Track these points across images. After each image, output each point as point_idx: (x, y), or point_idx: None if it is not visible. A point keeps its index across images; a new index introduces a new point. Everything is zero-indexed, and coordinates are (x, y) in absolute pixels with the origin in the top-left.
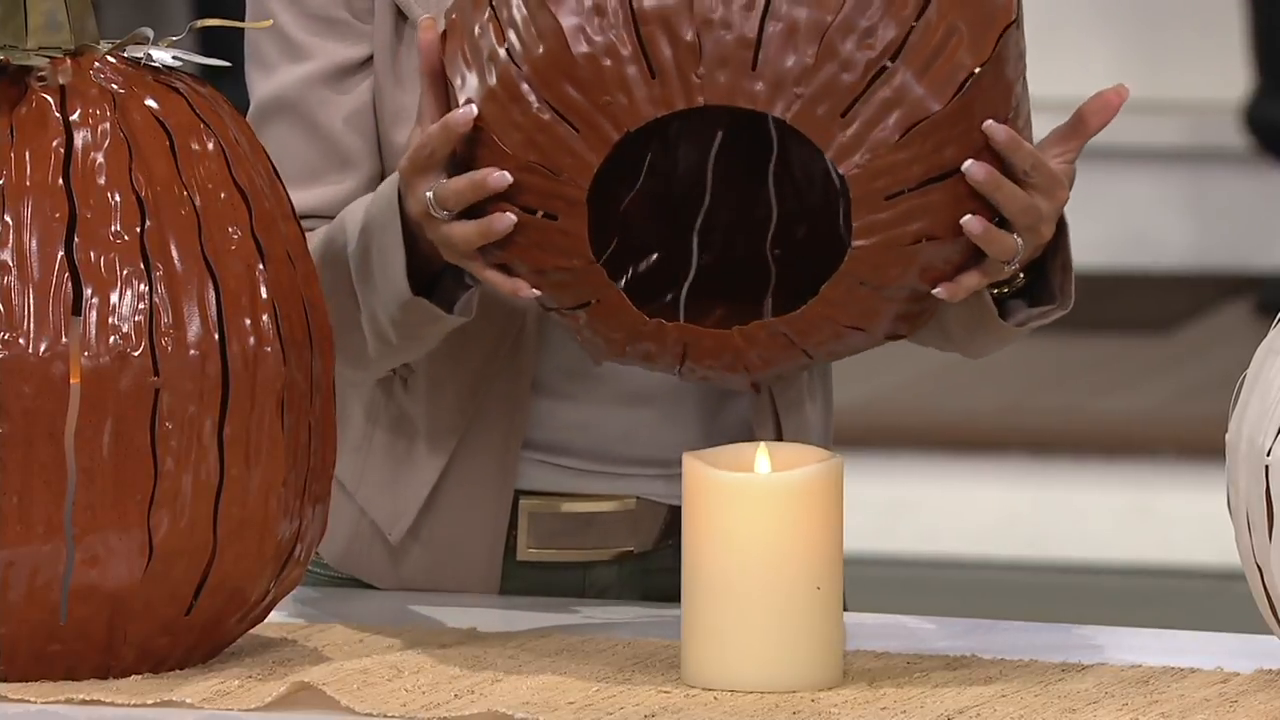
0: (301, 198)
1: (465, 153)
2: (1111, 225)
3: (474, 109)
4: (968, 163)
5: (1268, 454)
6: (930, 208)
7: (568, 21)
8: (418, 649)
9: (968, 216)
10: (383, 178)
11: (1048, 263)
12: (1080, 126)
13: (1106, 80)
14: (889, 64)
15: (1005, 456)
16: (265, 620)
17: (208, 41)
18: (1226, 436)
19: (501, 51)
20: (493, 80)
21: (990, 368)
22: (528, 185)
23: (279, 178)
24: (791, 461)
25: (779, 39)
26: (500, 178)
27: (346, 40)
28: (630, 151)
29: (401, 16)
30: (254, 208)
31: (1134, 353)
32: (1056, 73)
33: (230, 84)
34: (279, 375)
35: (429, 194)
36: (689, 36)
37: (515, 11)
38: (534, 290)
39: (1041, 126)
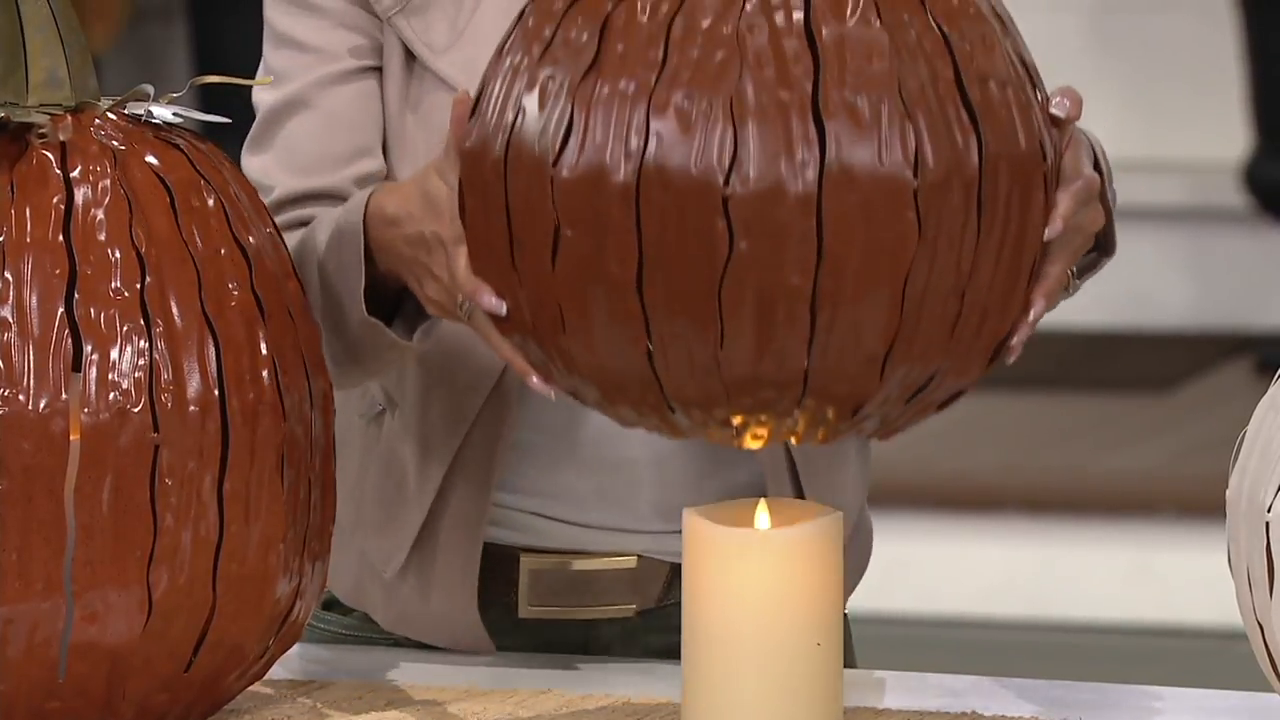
0: (314, 181)
1: None
2: (1111, 285)
3: (503, 309)
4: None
5: (1268, 510)
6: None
7: (590, 391)
8: (417, 706)
9: (1025, 325)
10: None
11: None
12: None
13: (1106, 140)
14: (928, 383)
15: (1005, 516)
16: (264, 677)
17: (208, 98)
18: (1227, 493)
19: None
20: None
21: (990, 427)
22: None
23: (279, 233)
24: (791, 517)
25: (816, 411)
26: (542, 388)
27: (363, 44)
28: None
29: (410, 55)
30: (254, 264)
31: (1134, 412)
32: None
33: (231, 140)
34: (279, 431)
35: (465, 307)
36: (723, 417)
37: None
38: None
39: None
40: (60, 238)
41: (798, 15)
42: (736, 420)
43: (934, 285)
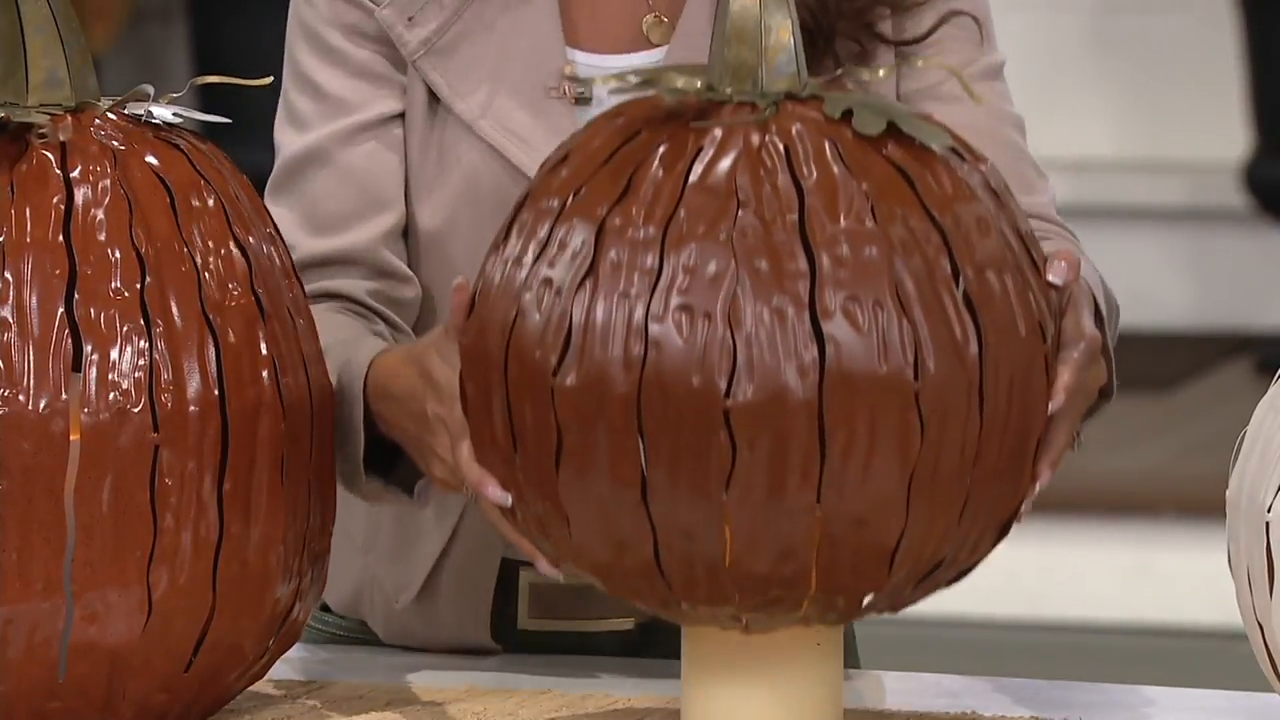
0: (334, 243)
1: None
2: (1112, 285)
3: (508, 501)
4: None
5: (1268, 510)
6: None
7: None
8: (416, 707)
9: (1032, 495)
10: (406, 234)
11: None
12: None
13: (1107, 140)
14: (938, 566)
15: None
16: (264, 677)
17: (208, 98)
18: (1227, 493)
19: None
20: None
21: None
22: None
23: (279, 234)
24: None
25: (826, 604)
26: (550, 571)
27: (384, 92)
28: None
29: (434, 98)
30: (254, 264)
31: (1134, 412)
32: (1057, 133)
33: (231, 141)
34: (279, 432)
35: (466, 491)
36: (732, 613)
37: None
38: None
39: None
40: (60, 238)
41: (792, 218)
42: (745, 616)
43: (939, 478)
